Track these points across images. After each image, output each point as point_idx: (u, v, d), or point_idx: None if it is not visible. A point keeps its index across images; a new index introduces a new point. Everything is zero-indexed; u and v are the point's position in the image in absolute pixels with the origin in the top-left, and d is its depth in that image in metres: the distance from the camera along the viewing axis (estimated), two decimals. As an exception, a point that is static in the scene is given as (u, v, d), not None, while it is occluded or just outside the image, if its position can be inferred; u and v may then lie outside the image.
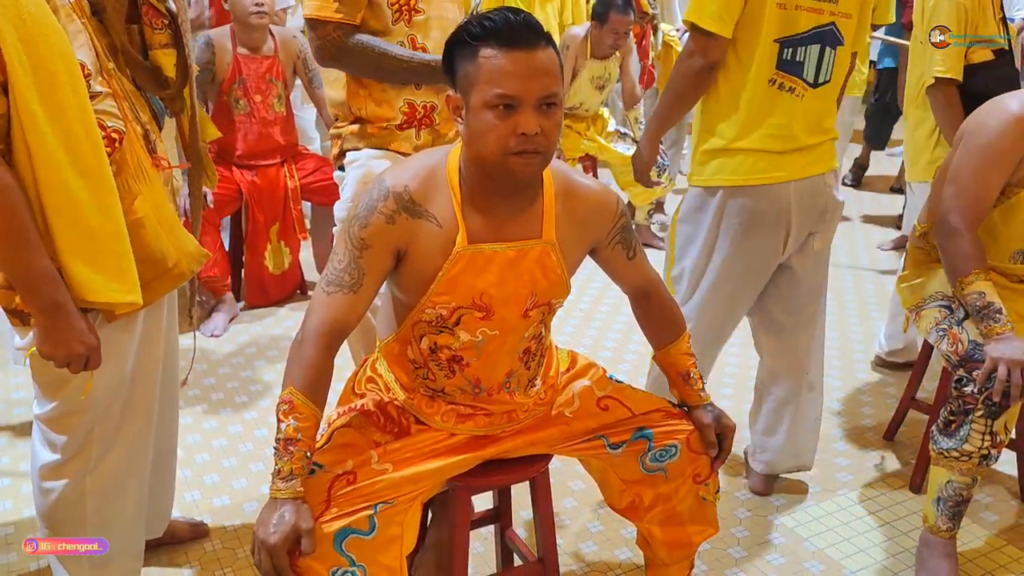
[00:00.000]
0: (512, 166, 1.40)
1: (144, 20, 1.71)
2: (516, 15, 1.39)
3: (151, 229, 1.64)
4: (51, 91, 1.46)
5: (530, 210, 1.52)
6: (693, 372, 1.75)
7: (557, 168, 1.57)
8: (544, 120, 1.39)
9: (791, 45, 2.02)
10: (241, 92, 3.42)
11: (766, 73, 2.04)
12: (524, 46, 1.37)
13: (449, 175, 1.49)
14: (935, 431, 2.09)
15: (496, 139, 1.38)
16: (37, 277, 1.50)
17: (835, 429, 2.82)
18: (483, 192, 1.48)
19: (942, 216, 2.13)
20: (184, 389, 2.95)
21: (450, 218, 1.47)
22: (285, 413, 1.41)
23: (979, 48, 2.67)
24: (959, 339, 2.11)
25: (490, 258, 1.49)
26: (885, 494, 2.48)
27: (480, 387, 1.58)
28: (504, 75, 1.36)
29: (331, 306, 1.46)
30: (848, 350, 3.40)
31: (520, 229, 1.51)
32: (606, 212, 1.60)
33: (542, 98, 1.38)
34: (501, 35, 1.37)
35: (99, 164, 1.53)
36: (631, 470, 1.72)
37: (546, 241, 1.52)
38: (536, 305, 1.55)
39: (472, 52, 1.39)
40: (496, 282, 1.50)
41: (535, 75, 1.37)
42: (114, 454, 1.77)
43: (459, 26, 1.44)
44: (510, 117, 1.38)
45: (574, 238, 1.57)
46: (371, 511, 1.44)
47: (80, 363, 1.58)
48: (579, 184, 1.58)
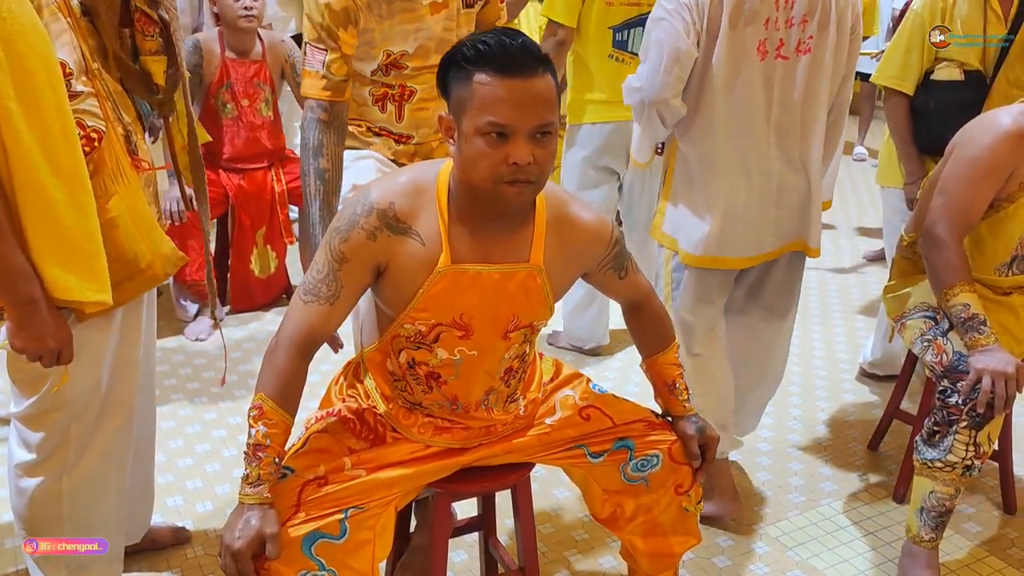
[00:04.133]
0: (503, 194, 1.37)
1: (136, 27, 1.70)
2: (513, 39, 1.35)
3: (124, 229, 1.63)
4: (28, 89, 1.46)
5: (519, 234, 1.49)
6: (679, 383, 1.74)
7: (553, 194, 1.54)
8: (537, 149, 1.36)
9: (619, 30, 2.91)
10: (229, 96, 3.40)
11: (606, 50, 2.95)
12: (520, 73, 1.33)
13: (438, 193, 1.46)
14: (919, 441, 2.09)
15: (487, 167, 1.35)
16: (11, 272, 1.50)
17: (819, 439, 2.82)
18: (472, 213, 1.45)
19: (928, 227, 2.14)
20: (168, 393, 2.94)
21: (435, 236, 1.45)
22: (255, 419, 1.41)
23: (948, 66, 2.67)
24: (944, 350, 2.11)
25: (474, 279, 1.47)
26: (869, 504, 2.48)
27: (458, 404, 1.57)
28: (498, 103, 1.33)
29: (307, 315, 1.45)
30: (833, 360, 3.41)
31: (507, 252, 1.49)
32: (599, 243, 1.58)
33: (536, 127, 1.35)
34: (496, 61, 1.33)
35: (74, 163, 1.53)
36: (612, 480, 1.72)
37: (533, 266, 1.50)
38: (517, 327, 1.54)
39: (466, 76, 1.36)
40: (478, 302, 1.48)
41: (530, 104, 1.34)
42: (92, 454, 1.76)
43: (454, 47, 1.41)
44: (503, 146, 1.34)
45: (563, 266, 1.55)
46: (341, 515, 1.44)
47: (52, 358, 1.59)
48: (573, 215, 1.54)
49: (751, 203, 2.14)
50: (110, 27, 1.66)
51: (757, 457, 2.70)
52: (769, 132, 2.10)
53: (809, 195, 2.20)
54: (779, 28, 2.02)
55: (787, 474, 2.62)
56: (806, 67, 2.07)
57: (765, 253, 2.21)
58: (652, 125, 2.10)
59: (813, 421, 2.93)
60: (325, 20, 1.89)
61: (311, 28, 1.92)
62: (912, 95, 2.76)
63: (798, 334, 3.60)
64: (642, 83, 2.06)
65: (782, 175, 2.15)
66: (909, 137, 2.78)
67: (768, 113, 2.09)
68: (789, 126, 2.11)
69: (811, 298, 4.03)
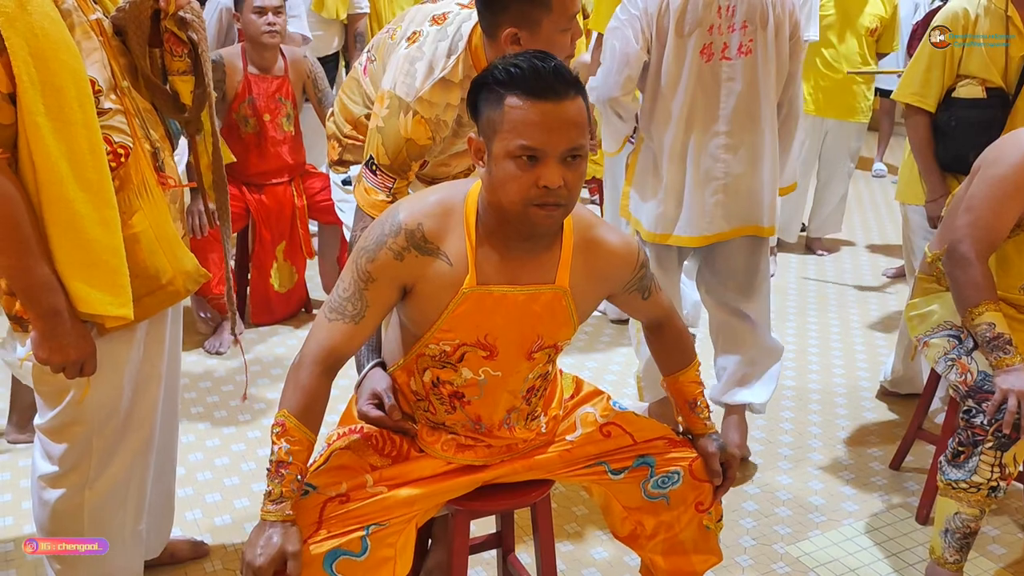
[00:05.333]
0: (532, 217, 1.37)
1: (165, 47, 1.73)
2: (545, 63, 1.35)
3: (147, 245, 1.65)
4: (58, 105, 1.49)
5: (546, 255, 1.49)
6: (700, 400, 1.74)
7: (581, 217, 1.53)
8: (568, 173, 1.36)
9: None
10: (250, 111, 3.43)
11: None
12: (552, 97, 1.33)
13: (467, 213, 1.46)
14: (943, 462, 2.07)
15: (517, 190, 1.35)
16: (37, 284, 1.53)
17: (840, 458, 2.80)
18: (499, 235, 1.45)
19: (954, 245, 2.12)
20: (187, 406, 2.95)
21: (461, 257, 1.45)
22: (278, 436, 1.41)
23: (970, 83, 2.66)
24: (968, 369, 2.09)
25: (499, 300, 1.47)
26: (891, 525, 2.45)
27: (481, 424, 1.57)
28: (529, 126, 1.33)
29: (331, 334, 1.46)
30: (853, 378, 3.38)
31: (533, 274, 1.48)
32: (626, 266, 1.58)
33: (567, 151, 1.35)
34: (528, 84, 1.33)
35: (101, 179, 1.55)
36: (633, 497, 1.71)
37: (559, 287, 1.49)
38: (542, 347, 1.53)
39: (497, 99, 1.35)
40: (503, 323, 1.48)
41: (561, 128, 1.34)
42: (113, 468, 1.77)
43: (485, 69, 1.41)
44: (533, 169, 1.34)
45: (589, 288, 1.54)
46: (363, 532, 1.43)
47: (75, 369, 1.61)
48: (601, 239, 1.54)
49: (695, 188, 2.41)
50: (140, 47, 1.68)
51: (778, 476, 2.68)
52: (717, 124, 2.37)
53: (760, 182, 2.45)
54: (723, 33, 2.31)
55: (808, 493, 2.60)
56: (748, 66, 2.34)
57: (715, 234, 2.47)
58: (610, 120, 2.45)
59: (833, 440, 2.91)
60: (403, 154, 1.85)
61: (384, 154, 1.86)
62: (934, 112, 2.75)
63: (817, 351, 3.59)
64: (598, 83, 2.37)
65: (728, 163, 2.41)
66: (930, 154, 2.77)
67: (716, 107, 2.36)
68: (737, 119, 2.37)
69: (831, 315, 4.01)
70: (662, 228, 2.47)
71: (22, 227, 1.50)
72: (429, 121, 1.83)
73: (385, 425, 1.57)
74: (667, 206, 2.45)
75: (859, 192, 6.18)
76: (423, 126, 1.83)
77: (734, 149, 2.39)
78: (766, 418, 3.02)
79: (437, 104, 1.83)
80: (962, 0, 2.67)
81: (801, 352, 3.59)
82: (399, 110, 1.83)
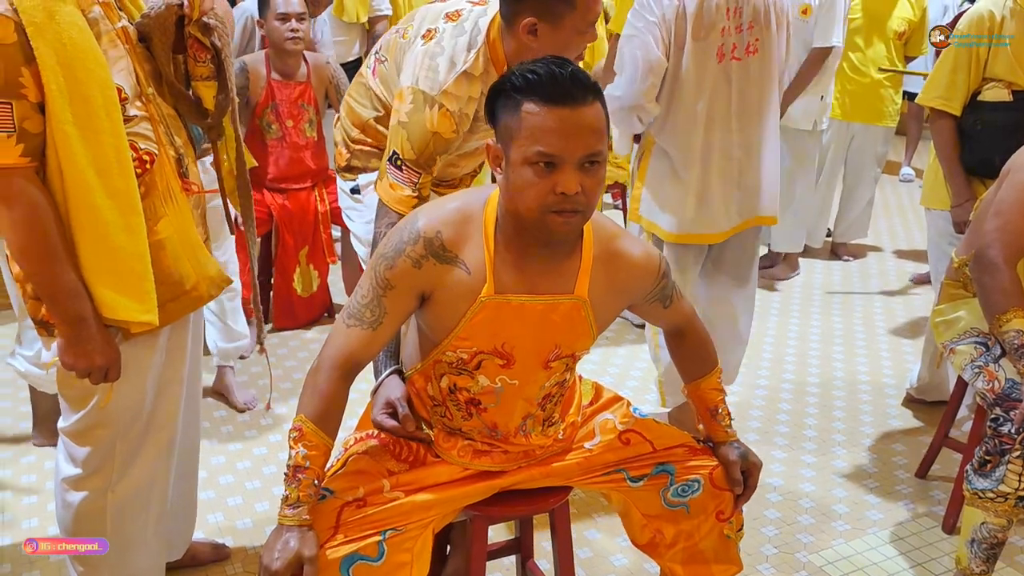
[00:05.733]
0: (550, 224, 1.36)
1: (189, 53, 1.75)
2: (563, 68, 1.34)
3: (171, 251, 1.66)
4: (85, 114, 1.50)
5: (565, 265, 1.48)
6: (721, 408, 1.72)
7: (601, 226, 1.52)
8: (586, 179, 1.35)
9: None
10: (273, 117, 3.46)
11: None
12: (569, 103, 1.32)
13: (485, 222, 1.45)
14: (969, 471, 2.04)
15: (535, 196, 1.34)
16: (63, 291, 1.55)
17: (864, 466, 2.76)
18: (518, 243, 1.44)
19: (981, 250, 2.09)
20: (210, 410, 2.97)
21: (480, 266, 1.44)
22: (295, 440, 1.41)
23: (996, 86, 2.62)
24: (996, 377, 2.06)
25: (517, 309, 1.46)
26: (917, 534, 2.42)
27: (497, 431, 1.57)
28: (546, 132, 1.32)
29: (349, 340, 1.46)
30: (879, 384, 3.34)
31: (552, 283, 1.47)
32: (647, 279, 1.56)
33: (585, 156, 1.34)
34: (546, 90, 1.32)
35: (127, 186, 1.57)
36: (652, 504, 1.69)
37: (577, 297, 1.48)
38: (559, 356, 1.53)
39: (514, 105, 1.35)
40: (520, 332, 1.47)
41: (579, 134, 1.33)
42: (135, 471, 1.78)
43: (503, 75, 1.40)
44: (550, 175, 1.33)
45: (609, 298, 1.53)
46: (379, 537, 1.43)
47: (100, 374, 1.63)
48: (622, 251, 1.52)
49: (719, 185, 2.49)
50: (164, 53, 1.70)
51: (800, 483, 2.65)
52: (731, 122, 2.44)
53: (766, 174, 2.55)
54: (731, 34, 2.38)
55: (831, 500, 2.57)
56: (756, 65, 2.43)
57: (732, 228, 2.57)
58: (631, 125, 2.49)
59: (858, 447, 2.87)
60: (429, 148, 1.85)
61: (410, 149, 1.86)
62: (959, 116, 2.71)
63: (841, 358, 3.55)
64: (622, 92, 2.40)
65: (741, 160, 2.50)
66: (956, 159, 2.73)
67: (729, 107, 2.43)
68: (747, 115, 2.46)
69: (856, 320, 3.97)
70: (686, 228, 2.52)
71: (50, 234, 1.52)
72: (454, 114, 1.84)
73: (399, 435, 1.57)
74: (689, 207, 2.49)
75: (886, 197, 6.12)
76: (448, 119, 1.84)
77: (745, 146, 2.49)
78: (789, 424, 3.00)
79: (461, 97, 1.84)
80: (987, 2, 2.63)
81: (825, 358, 3.55)
82: (424, 104, 1.84)
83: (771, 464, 2.74)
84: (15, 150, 1.47)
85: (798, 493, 2.60)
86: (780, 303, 4.15)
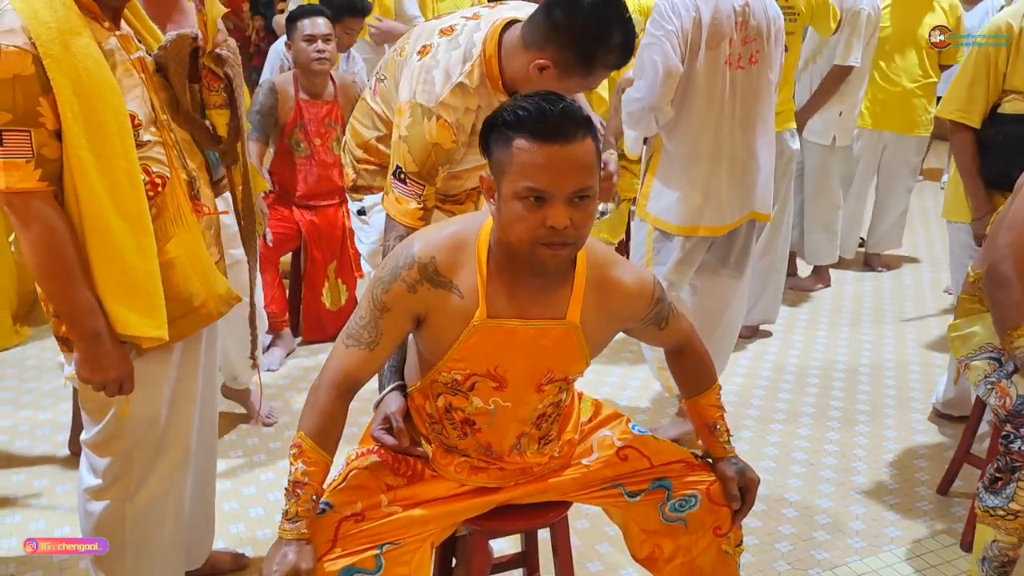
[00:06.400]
0: (540, 256, 1.40)
1: (203, 82, 1.83)
2: (553, 105, 1.37)
3: (181, 270, 1.73)
4: (99, 140, 1.58)
5: (558, 291, 1.50)
6: (720, 424, 1.73)
7: (595, 253, 1.55)
8: (575, 213, 1.38)
9: None
10: (302, 135, 3.54)
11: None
12: (559, 140, 1.35)
13: (479, 248, 1.49)
14: (981, 488, 2.02)
15: (525, 229, 1.38)
16: (80, 308, 1.63)
17: (885, 482, 2.73)
18: (510, 270, 1.48)
19: (994, 264, 2.08)
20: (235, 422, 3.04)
21: (473, 291, 1.48)
22: (295, 457, 1.46)
23: (1015, 99, 2.59)
24: (1007, 393, 2.04)
25: (509, 334, 1.49)
26: (934, 552, 2.39)
27: (491, 451, 1.60)
28: (536, 169, 1.35)
29: (347, 359, 1.51)
30: (905, 399, 3.30)
31: (544, 309, 1.50)
32: (640, 304, 1.58)
33: (574, 192, 1.37)
34: (535, 127, 1.35)
35: (139, 209, 1.64)
36: (650, 519, 1.71)
37: (569, 323, 1.51)
38: (552, 380, 1.55)
39: (506, 140, 1.38)
40: (512, 356, 1.51)
41: (568, 170, 1.36)
42: (152, 482, 1.86)
43: (496, 110, 1.44)
44: (540, 209, 1.36)
45: (602, 324, 1.56)
46: (376, 551, 1.47)
47: (114, 388, 1.71)
48: (615, 279, 1.55)
49: (723, 183, 2.68)
50: (180, 82, 1.79)
51: (817, 499, 2.63)
52: (735, 126, 2.64)
53: (762, 174, 2.75)
54: (737, 45, 2.58)
55: (848, 517, 2.55)
56: (756, 74, 2.64)
57: (734, 222, 2.76)
58: (648, 126, 2.65)
59: (879, 463, 2.84)
60: (431, 159, 1.90)
61: (412, 161, 1.90)
62: (979, 128, 2.69)
63: (868, 371, 3.51)
64: (642, 95, 2.58)
65: (743, 160, 2.69)
66: (975, 172, 2.70)
67: (733, 111, 2.63)
68: (748, 119, 2.66)
69: (886, 333, 3.92)
70: (694, 221, 2.71)
71: (67, 255, 1.60)
72: (452, 125, 1.89)
73: (397, 451, 1.61)
74: (695, 201, 2.69)
75: (925, 206, 6.03)
76: (447, 130, 1.89)
77: (746, 147, 2.69)
78: (809, 439, 2.98)
79: (457, 108, 1.89)
80: (1006, 13, 2.61)
81: (851, 371, 3.52)
82: (422, 117, 1.89)
83: (788, 479, 2.73)
84: (34, 175, 1.55)
85: (815, 509, 2.59)
86: (808, 315, 4.12)
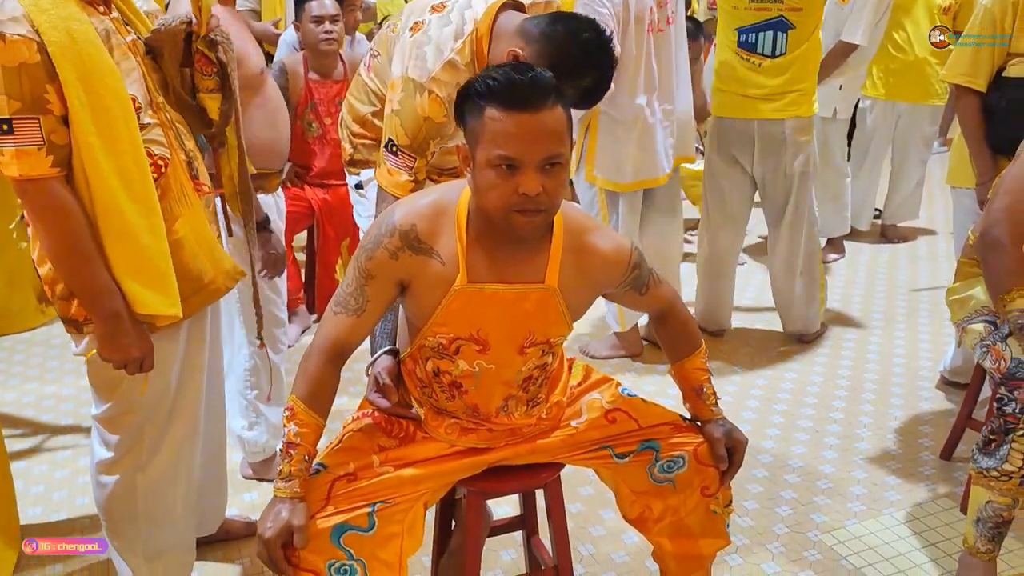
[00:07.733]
0: (514, 222, 1.44)
1: (196, 67, 1.87)
2: (523, 75, 1.41)
3: (189, 248, 1.79)
4: (106, 124, 1.63)
5: (536, 255, 1.55)
6: (707, 387, 1.77)
7: (573, 219, 1.59)
8: (547, 179, 1.41)
9: (745, 32, 3.25)
10: (313, 115, 3.60)
11: (732, 49, 3.30)
12: (528, 108, 1.39)
13: (458, 215, 1.53)
14: (975, 450, 2.04)
15: (498, 197, 1.42)
16: (99, 290, 1.67)
17: (889, 448, 2.76)
18: (488, 236, 1.52)
19: (987, 229, 2.08)
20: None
21: (453, 257, 1.52)
22: (287, 419, 1.52)
23: (1021, 62, 2.57)
24: (1002, 356, 2.05)
25: (490, 298, 1.54)
26: (934, 515, 2.42)
27: (478, 411, 1.65)
28: (507, 137, 1.39)
29: (336, 326, 1.56)
30: (914, 366, 3.31)
31: (522, 273, 1.54)
32: (617, 270, 1.62)
33: (545, 159, 1.41)
34: (505, 96, 1.39)
35: (147, 190, 1.69)
36: (640, 481, 1.76)
37: (547, 287, 1.55)
38: (534, 343, 1.60)
39: (479, 110, 1.42)
40: (494, 320, 1.55)
41: (538, 138, 1.39)
42: (162, 454, 1.92)
43: (469, 80, 1.48)
44: (512, 177, 1.40)
45: (580, 288, 1.60)
46: (369, 509, 1.53)
47: (136, 365, 1.76)
48: (592, 243, 1.58)
49: (657, 139, 3.04)
50: (173, 67, 1.83)
51: (820, 465, 2.66)
52: (660, 83, 2.99)
53: (681, 119, 3.14)
54: (654, 11, 2.95)
55: (850, 482, 2.58)
56: (671, 35, 3.00)
57: (669, 172, 3.15)
58: None
59: (884, 429, 2.86)
60: (422, 133, 1.93)
61: (404, 135, 1.94)
62: (984, 93, 2.67)
63: (878, 340, 3.52)
64: None
65: (669, 113, 3.06)
66: (980, 136, 2.69)
67: (658, 72, 2.97)
68: (667, 76, 3.02)
69: (898, 303, 3.92)
70: (639, 176, 3.07)
71: (84, 239, 1.65)
72: (443, 100, 1.92)
73: (390, 413, 1.67)
74: (638, 159, 3.04)
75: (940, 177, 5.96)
76: (439, 104, 1.92)
77: (671, 100, 3.05)
78: (815, 407, 3.00)
79: (449, 83, 1.92)
80: None
81: (861, 341, 3.53)
82: (414, 91, 1.93)
83: (792, 446, 2.76)
84: (46, 161, 1.60)
85: (817, 474, 2.62)
86: (821, 286, 4.12)
